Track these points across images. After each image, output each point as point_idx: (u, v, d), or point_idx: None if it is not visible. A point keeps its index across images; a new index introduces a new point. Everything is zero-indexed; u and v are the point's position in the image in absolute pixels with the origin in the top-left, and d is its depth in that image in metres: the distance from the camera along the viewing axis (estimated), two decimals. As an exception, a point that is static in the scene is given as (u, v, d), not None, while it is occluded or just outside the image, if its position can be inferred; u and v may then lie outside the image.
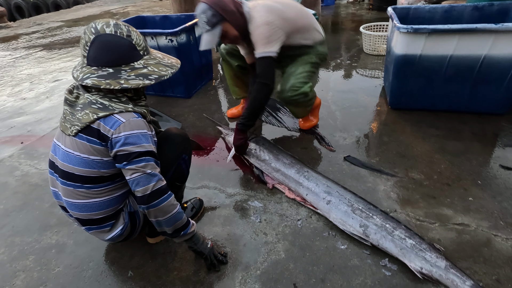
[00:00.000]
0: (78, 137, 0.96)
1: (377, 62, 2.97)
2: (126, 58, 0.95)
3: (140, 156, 0.94)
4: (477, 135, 1.81)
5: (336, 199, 1.37)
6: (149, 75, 0.98)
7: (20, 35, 5.90)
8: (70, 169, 0.99)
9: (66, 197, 1.04)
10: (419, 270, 1.08)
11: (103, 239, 1.15)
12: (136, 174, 0.94)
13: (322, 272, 1.15)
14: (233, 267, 1.20)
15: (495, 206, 1.34)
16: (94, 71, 0.93)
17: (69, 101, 1.00)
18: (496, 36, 1.67)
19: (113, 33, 0.93)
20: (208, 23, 1.49)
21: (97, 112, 0.94)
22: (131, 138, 0.93)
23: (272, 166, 1.62)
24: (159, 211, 0.97)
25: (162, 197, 0.97)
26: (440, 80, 1.91)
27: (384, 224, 1.23)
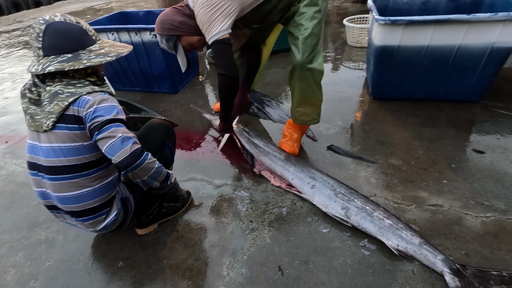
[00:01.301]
0: (56, 128, 0.98)
1: (361, 54, 3.03)
2: (81, 42, 0.98)
3: (109, 123, 0.97)
4: (452, 121, 1.89)
5: (320, 184, 1.43)
6: (108, 54, 1.02)
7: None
8: (56, 163, 1.01)
9: (57, 192, 1.05)
10: (396, 247, 1.16)
11: (96, 230, 1.16)
12: (109, 141, 0.96)
13: (305, 255, 1.21)
14: (221, 254, 1.25)
15: (467, 187, 1.43)
16: (53, 59, 0.95)
17: (33, 100, 1.00)
18: (469, 27, 1.74)
19: (62, 20, 0.96)
20: (170, 48, 1.50)
21: (66, 99, 0.96)
22: (99, 110, 0.97)
23: (261, 150, 1.69)
24: (142, 170, 1.01)
25: (141, 157, 1.00)
26: (418, 70, 1.99)
27: (364, 206, 1.29)
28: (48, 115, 0.97)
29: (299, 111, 1.65)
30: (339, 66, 2.85)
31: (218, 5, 1.31)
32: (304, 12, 1.47)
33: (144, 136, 1.21)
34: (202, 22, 1.36)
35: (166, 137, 1.26)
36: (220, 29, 1.33)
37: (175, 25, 1.45)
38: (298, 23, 1.48)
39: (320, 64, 1.52)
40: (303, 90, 1.57)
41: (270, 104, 2.31)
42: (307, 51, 1.46)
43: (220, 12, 1.32)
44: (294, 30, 1.50)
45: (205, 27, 1.35)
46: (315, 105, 1.66)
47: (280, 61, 3.03)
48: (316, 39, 1.48)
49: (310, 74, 1.51)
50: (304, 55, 1.46)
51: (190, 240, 1.33)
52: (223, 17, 1.32)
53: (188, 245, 1.30)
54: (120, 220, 1.18)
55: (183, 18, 1.45)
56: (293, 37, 1.50)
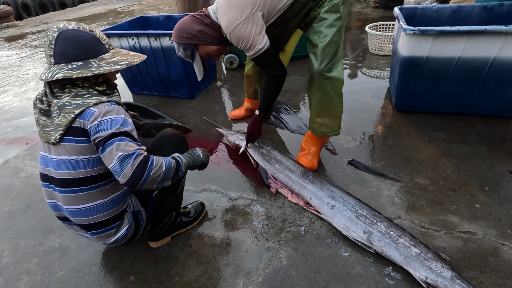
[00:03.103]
0: (65, 141, 0.96)
1: (383, 62, 2.92)
2: (93, 50, 0.97)
3: (111, 138, 0.92)
4: (484, 138, 1.77)
5: (340, 204, 1.35)
6: (119, 62, 1.00)
7: (26, 34, 5.95)
8: (66, 175, 0.99)
9: (68, 205, 1.03)
10: (424, 279, 1.06)
11: (107, 243, 1.14)
12: (110, 164, 0.91)
13: (324, 280, 1.14)
14: (235, 273, 1.20)
15: (503, 213, 1.31)
16: (63, 66, 0.94)
17: (43, 110, 1.00)
18: (506, 38, 1.63)
19: (75, 28, 0.96)
20: (187, 57, 1.48)
21: (73, 111, 0.94)
22: (103, 124, 0.93)
23: (277, 167, 1.61)
24: (150, 183, 0.96)
25: (146, 172, 0.92)
26: (447, 82, 1.87)
27: (389, 231, 1.21)
28: (56, 127, 0.96)
29: (317, 122, 1.58)
30: (360, 74, 2.75)
31: (252, 20, 1.32)
32: (325, 18, 1.40)
33: (155, 147, 1.19)
34: (239, 42, 1.37)
35: (178, 148, 1.22)
36: (264, 41, 1.37)
37: (193, 34, 1.42)
38: (317, 30, 1.42)
39: (340, 73, 1.45)
40: (321, 100, 1.51)
41: (288, 113, 2.24)
42: (326, 59, 1.41)
43: (256, 25, 1.33)
44: (313, 37, 1.44)
45: (245, 45, 1.37)
46: (335, 116, 1.57)
47: (298, 68, 2.96)
48: (335, 47, 1.42)
49: (329, 83, 1.45)
50: (323, 63, 1.41)
51: (203, 256, 1.28)
52: (260, 29, 1.35)
53: (201, 262, 1.26)
54: (131, 234, 1.16)
55: (201, 27, 1.42)
56: (312, 45, 1.45)
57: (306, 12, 1.44)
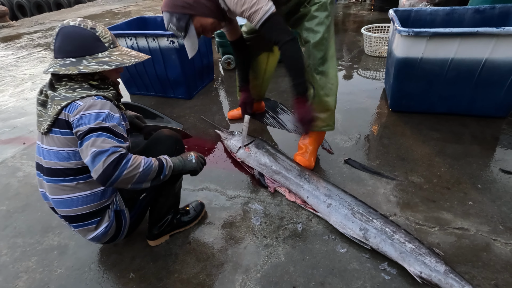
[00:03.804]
0: (52, 132, 0.99)
1: (378, 64, 2.97)
2: (89, 48, 0.99)
3: (90, 133, 0.90)
4: (477, 138, 1.81)
5: (336, 202, 1.38)
6: (110, 62, 1.00)
7: (22, 35, 5.92)
8: (52, 165, 1.02)
9: (52, 194, 1.06)
10: (419, 274, 1.09)
11: (87, 239, 1.14)
12: (86, 158, 0.90)
13: (321, 276, 1.16)
14: (233, 270, 1.21)
15: (495, 210, 1.35)
16: (58, 61, 0.98)
17: (41, 101, 1.03)
18: (497, 40, 1.67)
19: (76, 25, 0.99)
20: (179, 29, 1.32)
21: (60, 103, 0.96)
22: (84, 117, 0.92)
23: (273, 169, 1.63)
24: (123, 182, 0.92)
25: (118, 171, 0.89)
26: (441, 83, 1.91)
27: (384, 227, 1.23)
28: (47, 118, 0.99)
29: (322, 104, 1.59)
30: (356, 76, 2.79)
31: None
32: (316, 16, 1.45)
33: (148, 147, 1.19)
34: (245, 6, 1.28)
35: (171, 150, 1.17)
36: (270, 4, 1.29)
37: (190, 3, 1.28)
38: (308, 27, 1.48)
39: (333, 69, 1.52)
40: (316, 94, 1.55)
41: (285, 113, 2.27)
42: (319, 55, 1.47)
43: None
44: (305, 34, 1.49)
45: (252, 6, 1.28)
46: (328, 110, 1.60)
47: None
48: (327, 44, 1.48)
49: (322, 78, 1.51)
50: (316, 58, 1.47)
51: (202, 253, 1.29)
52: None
53: (200, 259, 1.27)
54: (112, 233, 1.14)
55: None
56: (304, 41, 1.50)
57: (295, 3, 1.48)
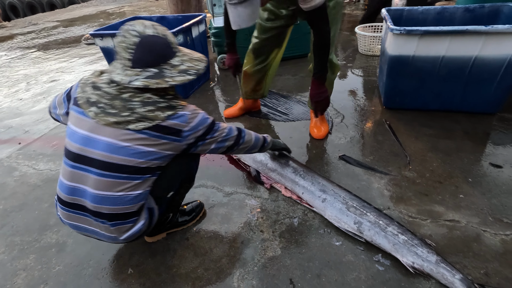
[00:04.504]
0: (142, 133, 0.97)
1: (372, 62, 3.01)
2: (165, 56, 1.00)
3: (210, 130, 1.09)
4: (468, 134, 1.85)
5: (331, 197, 1.40)
6: (188, 71, 1.02)
7: (15, 35, 5.88)
8: (115, 160, 0.97)
9: (99, 189, 1.00)
10: (411, 264, 1.12)
11: (119, 238, 1.10)
12: (217, 141, 1.12)
13: (317, 268, 1.19)
14: (231, 264, 1.23)
15: (485, 202, 1.39)
16: (139, 72, 0.97)
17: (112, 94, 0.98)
18: (486, 38, 1.71)
19: (154, 34, 0.98)
20: None
21: (165, 111, 0.98)
22: (199, 122, 1.05)
23: (268, 166, 1.65)
24: (243, 148, 1.25)
25: (240, 139, 1.21)
26: (433, 81, 1.96)
27: (378, 220, 1.26)
28: (140, 117, 0.96)
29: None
30: (350, 74, 2.83)
31: None
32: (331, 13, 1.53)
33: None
34: None
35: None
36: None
37: None
38: None
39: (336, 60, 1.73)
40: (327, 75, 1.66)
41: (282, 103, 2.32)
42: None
43: None
44: None
45: None
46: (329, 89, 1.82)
47: (291, 68, 3.02)
48: (334, 39, 1.62)
49: (330, 68, 1.65)
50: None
51: (200, 248, 1.31)
52: None
53: (198, 254, 1.29)
54: (144, 230, 1.14)
55: None
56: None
57: None
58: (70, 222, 1.11)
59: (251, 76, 2.03)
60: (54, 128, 2.40)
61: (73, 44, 4.86)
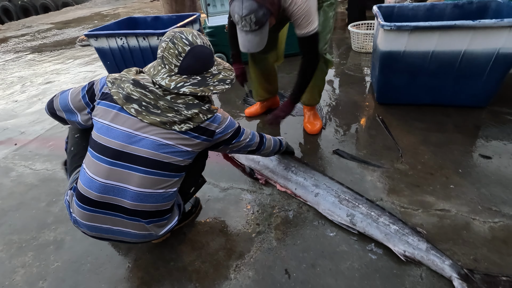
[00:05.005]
0: (184, 133, 1.02)
1: (365, 59, 3.05)
2: (208, 65, 1.05)
3: (238, 133, 1.16)
4: (459, 127, 1.89)
5: (323, 191, 1.43)
6: (225, 80, 1.08)
7: (9, 38, 5.85)
8: (159, 157, 0.99)
9: (143, 187, 1.00)
10: (403, 253, 1.15)
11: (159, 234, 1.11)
12: (242, 145, 1.21)
13: (312, 258, 1.21)
14: (228, 256, 1.26)
15: (474, 192, 1.42)
16: (185, 79, 1.01)
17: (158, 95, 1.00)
18: (474, 32, 1.75)
19: (203, 44, 1.02)
20: (257, 23, 1.29)
21: (206, 114, 1.04)
22: (229, 125, 1.12)
23: (260, 164, 1.67)
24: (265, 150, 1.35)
25: (263, 145, 1.32)
26: (424, 76, 1.99)
27: (370, 212, 1.29)
28: (185, 119, 1.00)
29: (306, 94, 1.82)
30: (344, 71, 2.86)
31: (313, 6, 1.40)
32: (326, 11, 1.61)
33: None
34: (303, 14, 1.37)
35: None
36: (317, 23, 1.44)
37: (274, 2, 1.30)
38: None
39: (331, 56, 1.72)
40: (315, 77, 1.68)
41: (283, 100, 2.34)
42: (323, 43, 1.61)
43: (315, 10, 1.42)
44: None
45: (307, 21, 1.39)
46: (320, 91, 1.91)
47: (285, 66, 3.04)
48: (329, 34, 1.66)
49: (324, 63, 1.69)
50: (323, 46, 1.62)
51: (197, 242, 1.33)
52: (316, 14, 1.43)
53: (195, 248, 1.31)
54: (176, 225, 1.18)
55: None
56: None
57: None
58: (90, 223, 1.04)
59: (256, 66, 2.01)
60: (50, 129, 2.40)
61: (68, 46, 4.86)
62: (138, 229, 1.07)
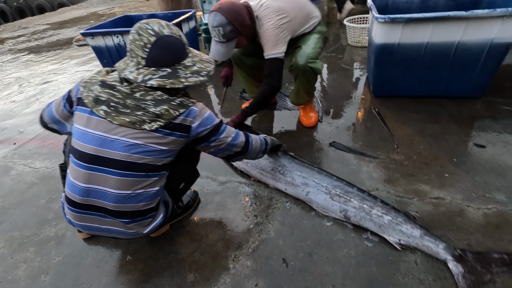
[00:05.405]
0: (156, 131, 0.98)
1: (361, 53, 3.06)
2: (180, 57, 1.01)
3: (220, 127, 1.10)
4: (454, 117, 1.91)
5: (313, 188, 1.41)
6: (200, 72, 1.04)
7: (5, 39, 5.84)
8: (135, 159, 0.98)
9: (121, 189, 1.00)
10: (398, 242, 1.18)
11: (143, 232, 1.11)
12: (224, 145, 1.13)
13: (309, 247, 1.23)
14: (226, 247, 1.28)
15: (469, 180, 1.44)
16: (154, 72, 0.97)
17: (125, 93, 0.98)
18: (467, 23, 1.77)
19: (170, 34, 0.98)
20: (224, 36, 1.48)
21: (178, 108, 0.99)
22: (208, 119, 1.06)
23: (249, 165, 1.63)
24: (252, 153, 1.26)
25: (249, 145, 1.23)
26: (419, 67, 2.01)
27: (362, 205, 1.29)
28: (153, 116, 0.96)
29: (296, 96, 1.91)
30: (340, 65, 2.88)
31: (284, 33, 1.56)
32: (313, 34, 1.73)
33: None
34: (270, 39, 1.54)
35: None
36: (283, 49, 1.57)
37: (246, 25, 1.51)
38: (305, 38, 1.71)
39: (321, 65, 1.71)
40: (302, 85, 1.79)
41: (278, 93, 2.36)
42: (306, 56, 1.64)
43: (284, 37, 1.57)
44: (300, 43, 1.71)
45: (271, 44, 1.55)
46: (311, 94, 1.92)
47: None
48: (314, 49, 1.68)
49: (311, 70, 1.67)
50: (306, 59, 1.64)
51: (196, 235, 1.35)
52: (284, 41, 1.58)
53: (194, 240, 1.33)
54: (162, 222, 1.17)
55: (250, 23, 1.54)
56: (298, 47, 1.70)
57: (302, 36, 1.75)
58: (81, 223, 1.09)
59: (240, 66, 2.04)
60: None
61: (65, 46, 4.85)
62: (124, 228, 1.09)
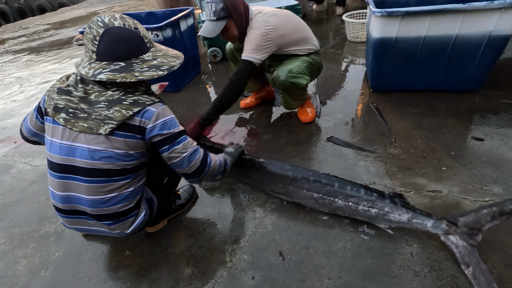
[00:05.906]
0: (113, 134, 0.95)
1: (360, 48, 3.05)
2: (136, 50, 0.95)
3: (178, 137, 1.01)
4: (452, 111, 1.90)
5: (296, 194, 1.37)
6: (161, 66, 0.97)
7: (6, 40, 5.87)
8: (99, 165, 0.97)
9: (92, 195, 1.00)
10: (389, 227, 1.21)
11: (127, 232, 1.12)
12: (178, 159, 1.03)
13: (306, 240, 1.24)
14: (223, 241, 1.29)
15: (466, 173, 1.44)
16: (105, 65, 0.92)
17: (79, 98, 0.95)
18: (465, 16, 1.76)
19: (122, 26, 0.92)
20: (214, 13, 1.52)
21: (131, 108, 0.94)
22: (166, 123, 0.99)
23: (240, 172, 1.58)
24: (210, 174, 1.14)
25: (207, 165, 1.10)
26: (416, 61, 2.00)
27: (347, 203, 1.26)
28: (105, 119, 0.93)
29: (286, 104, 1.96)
30: (339, 61, 2.87)
31: (269, 43, 1.59)
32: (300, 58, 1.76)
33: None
34: (252, 42, 1.57)
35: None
36: (260, 57, 1.59)
37: (238, 11, 1.55)
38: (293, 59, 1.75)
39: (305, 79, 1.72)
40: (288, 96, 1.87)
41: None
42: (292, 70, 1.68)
43: (267, 47, 1.59)
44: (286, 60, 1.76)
45: (251, 46, 1.57)
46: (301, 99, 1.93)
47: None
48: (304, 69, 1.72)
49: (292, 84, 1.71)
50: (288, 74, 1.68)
51: (193, 229, 1.36)
52: (266, 51, 1.60)
53: (192, 234, 1.34)
54: (146, 220, 1.17)
55: (243, 13, 1.58)
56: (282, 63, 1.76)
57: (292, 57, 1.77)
58: (72, 226, 1.14)
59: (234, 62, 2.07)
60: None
61: (65, 45, 4.87)
62: (108, 229, 1.10)
